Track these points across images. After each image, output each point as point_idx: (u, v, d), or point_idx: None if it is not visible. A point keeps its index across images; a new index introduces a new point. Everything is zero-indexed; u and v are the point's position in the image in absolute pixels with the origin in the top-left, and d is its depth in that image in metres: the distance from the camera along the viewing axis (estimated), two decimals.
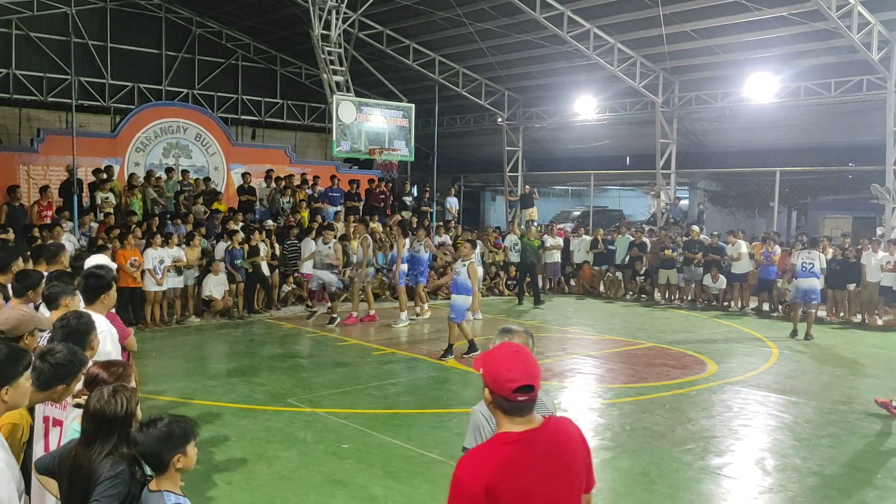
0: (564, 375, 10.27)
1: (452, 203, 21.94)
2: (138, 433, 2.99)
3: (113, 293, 4.99)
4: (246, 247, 14.60)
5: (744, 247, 16.25)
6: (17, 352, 3.04)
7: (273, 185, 18.56)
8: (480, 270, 15.09)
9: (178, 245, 13.92)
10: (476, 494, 2.49)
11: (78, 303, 4.89)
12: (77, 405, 3.38)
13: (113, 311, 5.58)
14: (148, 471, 3.10)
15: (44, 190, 15.26)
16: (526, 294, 17.20)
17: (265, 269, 14.97)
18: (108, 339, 4.54)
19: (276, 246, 15.66)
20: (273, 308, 15.19)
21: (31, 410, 3.81)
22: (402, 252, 14.27)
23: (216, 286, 14.11)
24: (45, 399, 3.43)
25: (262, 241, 15.05)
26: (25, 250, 7.18)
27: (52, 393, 3.36)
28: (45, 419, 3.76)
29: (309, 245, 14.98)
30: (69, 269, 6.41)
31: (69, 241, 12.52)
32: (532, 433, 2.52)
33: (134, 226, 14.15)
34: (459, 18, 18.91)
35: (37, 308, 5.22)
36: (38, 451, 3.74)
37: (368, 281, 14.37)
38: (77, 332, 3.88)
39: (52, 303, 4.84)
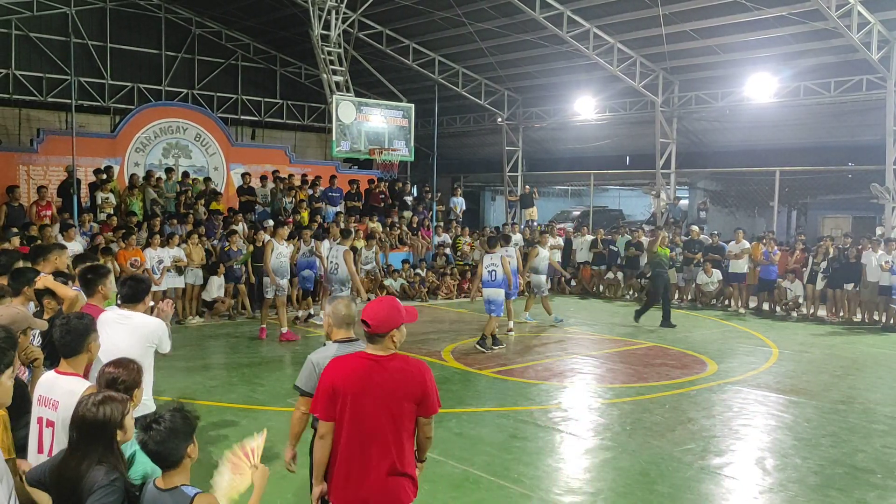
0: (564, 375, 10.27)
1: (457, 203, 21.96)
2: (145, 434, 2.96)
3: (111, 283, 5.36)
4: (251, 247, 14.56)
5: (748, 246, 16.24)
6: None
7: (272, 184, 18.58)
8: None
9: (179, 245, 13.93)
10: (328, 387, 3.68)
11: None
12: None
13: (114, 308, 5.62)
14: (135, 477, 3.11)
15: (41, 190, 15.23)
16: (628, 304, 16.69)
17: None
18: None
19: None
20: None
21: (24, 412, 3.80)
22: (319, 253, 13.63)
23: (220, 289, 14.11)
24: (10, 375, 3.44)
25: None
26: (19, 254, 7.16)
27: (11, 368, 3.39)
28: (39, 420, 3.74)
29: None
30: (66, 270, 6.42)
31: (78, 243, 12.54)
32: (382, 357, 3.67)
33: (133, 227, 14.17)
34: (459, 18, 18.91)
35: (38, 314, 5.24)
36: (31, 452, 3.73)
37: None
38: (75, 332, 3.87)
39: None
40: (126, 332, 4.83)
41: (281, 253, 12.32)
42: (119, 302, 5.19)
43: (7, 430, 3.69)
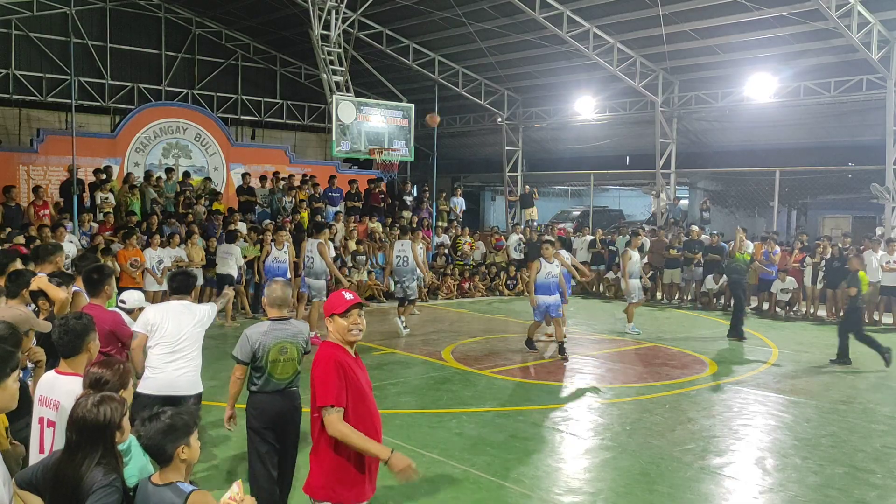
0: (564, 375, 10.27)
1: (457, 203, 21.95)
2: (141, 427, 3.00)
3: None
4: (256, 248, 14.56)
5: (751, 247, 16.18)
6: (5, 353, 3.05)
7: (270, 185, 18.57)
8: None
9: (179, 245, 13.92)
10: None
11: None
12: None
13: (116, 310, 5.66)
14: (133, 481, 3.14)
15: (37, 190, 15.15)
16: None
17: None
18: None
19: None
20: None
21: (24, 413, 3.80)
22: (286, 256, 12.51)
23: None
24: (15, 378, 3.45)
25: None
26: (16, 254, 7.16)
27: (17, 371, 3.41)
28: (40, 420, 3.74)
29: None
30: (66, 270, 6.44)
31: (70, 243, 12.53)
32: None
33: (133, 227, 14.17)
34: (459, 18, 18.90)
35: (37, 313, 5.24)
36: (33, 452, 3.73)
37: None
38: (74, 332, 3.87)
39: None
40: (191, 319, 5.64)
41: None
42: (169, 294, 6.02)
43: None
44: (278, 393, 5.07)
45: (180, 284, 5.86)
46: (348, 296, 3.87)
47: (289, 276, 12.41)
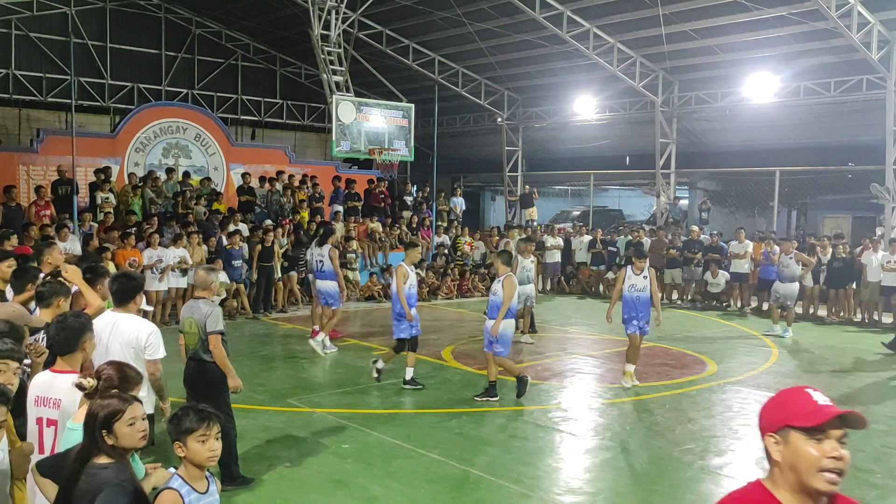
0: (564, 375, 10.27)
1: (457, 203, 21.93)
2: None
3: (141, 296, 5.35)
4: (259, 247, 14.58)
5: (751, 246, 16.20)
6: None
7: (268, 185, 18.54)
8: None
9: (183, 246, 13.93)
10: None
11: (68, 304, 4.94)
12: (79, 386, 3.37)
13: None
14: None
15: (38, 190, 15.13)
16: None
17: (277, 270, 14.97)
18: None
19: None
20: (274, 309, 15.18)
21: (20, 412, 3.80)
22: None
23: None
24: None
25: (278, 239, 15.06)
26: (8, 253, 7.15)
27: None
28: (38, 420, 3.74)
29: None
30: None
31: (73, 243, 12.54)
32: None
33: (132, 226, 14.16)
34: (459, 18, 18.90)
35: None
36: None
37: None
38: (70, 330, 3.88)
39: (42, 300, 4.87)
40: (117, 338, 4.96)
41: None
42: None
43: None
44: (191, 359, 6.05)
45: (117, 290, 5.05)
46: (819, 398, 2.22)
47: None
